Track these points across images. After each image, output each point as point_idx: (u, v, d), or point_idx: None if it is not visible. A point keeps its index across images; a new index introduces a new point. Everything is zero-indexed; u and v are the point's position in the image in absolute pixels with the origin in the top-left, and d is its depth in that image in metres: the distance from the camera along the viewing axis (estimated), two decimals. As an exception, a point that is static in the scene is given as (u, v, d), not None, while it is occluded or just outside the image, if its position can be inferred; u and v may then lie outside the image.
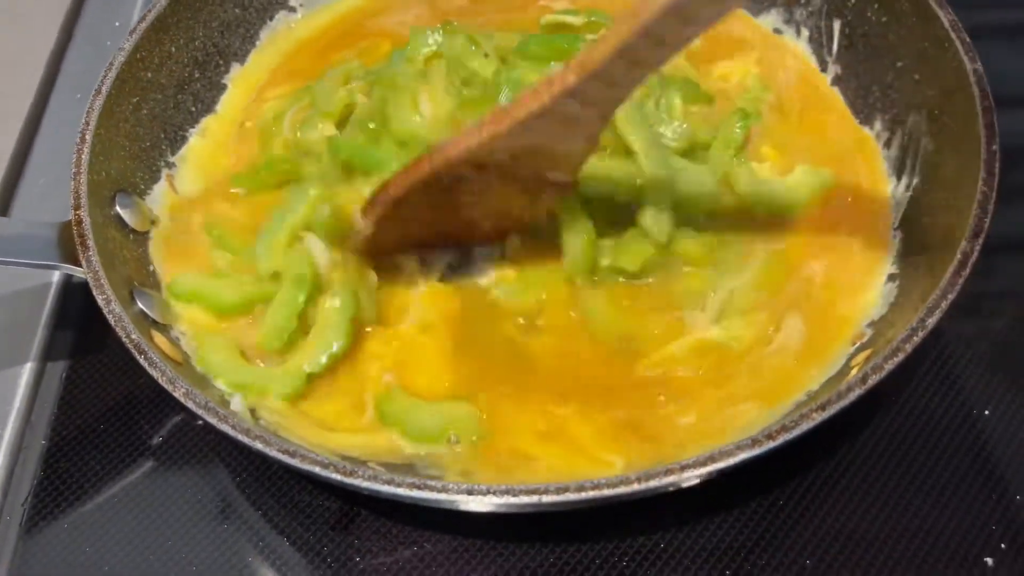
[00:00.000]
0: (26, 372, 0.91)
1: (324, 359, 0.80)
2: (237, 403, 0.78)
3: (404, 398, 0.79)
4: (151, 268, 0.89)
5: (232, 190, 0.95)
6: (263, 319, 0.83)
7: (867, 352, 0.75)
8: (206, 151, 1.00)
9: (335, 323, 0.81)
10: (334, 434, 0.79)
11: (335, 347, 0.80)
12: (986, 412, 0.83)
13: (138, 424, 0.88)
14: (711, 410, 0.77)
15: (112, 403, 0.90)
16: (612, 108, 0.74)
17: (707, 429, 0.76)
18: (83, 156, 0.86)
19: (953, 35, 0.84)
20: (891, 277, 0.83)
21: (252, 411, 0.79)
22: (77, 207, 0.82)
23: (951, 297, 0.70)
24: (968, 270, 0.71)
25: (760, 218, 0.88)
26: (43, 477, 0.85)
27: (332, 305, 0.81)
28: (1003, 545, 0.76)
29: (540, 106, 0.70)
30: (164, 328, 0.83)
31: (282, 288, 0.83)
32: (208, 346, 0.82)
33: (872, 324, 0.80)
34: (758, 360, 0.80)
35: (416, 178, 0.78)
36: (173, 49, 0.99)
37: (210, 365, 0.80)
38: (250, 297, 0.85)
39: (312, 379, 0.80)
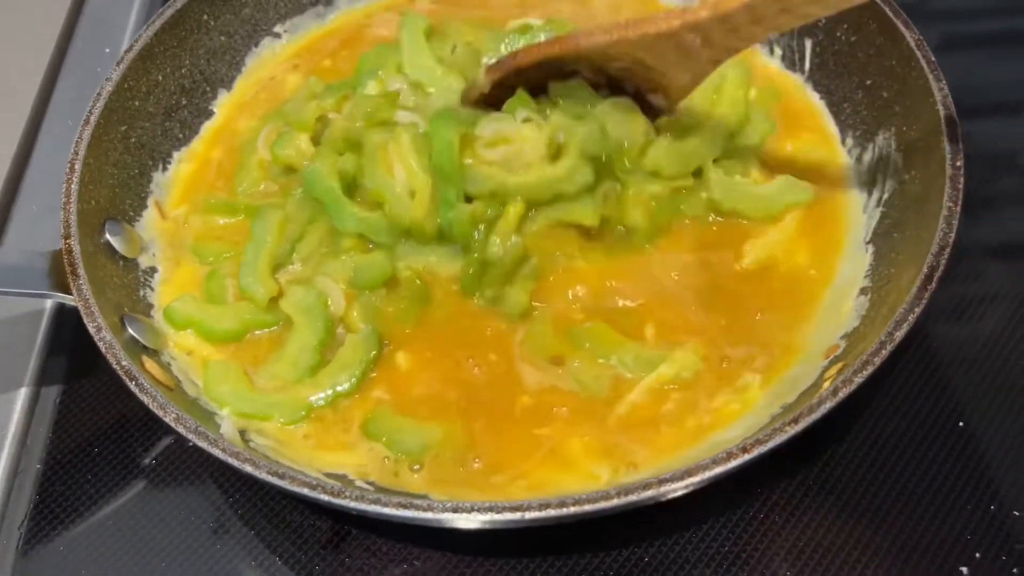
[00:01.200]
0: (21, 397, 0.93)
1: (331, 394, 0.82)
2: (227, 426, 0.80)
3: (391, 418, 0.81)
4: (141, 294, 0.91)
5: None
6: (281, 353, 0.85)
7: (840, 365, 0.77)
8: (193, 176, 1.02)
9: (354, 364, 0.83)
10: (323, 453, 0.81)
11: (345, 387, 0.82)
12: (960, 424, 0.85)
13: (131, 446, 0.89)
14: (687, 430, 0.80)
15: (105, 426, 0.91)
16: (723, 56, 0.82)
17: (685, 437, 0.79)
18: (72, 186, 0.87)
19: (919, 54, 0.87)
20: (863, 291, 0.85)
21: (242, 432, 0.81)
22: (67, 236, 0.84)
23: (918, 310, 0.72)
24: (935, 284, 0.73)
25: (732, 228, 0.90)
26: (39, 500, 0.86)
27: (355, 345, 0.84)
28: (978, 554, 0.77)
29: (668, 28, 0.79)
30: (154, 353, 0.84)
31: (298, 328, 0.85)
32: (214, 376, 0.83)
33: (845, 336, 0.82)
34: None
35: (542, 56, 0.87)
36: (160, 77, 1.01)
37: (217, 395, 0.82)
38: (246, 325, 0.87)
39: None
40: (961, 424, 0.85)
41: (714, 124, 0.92)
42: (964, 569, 0.77)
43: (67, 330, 0.98)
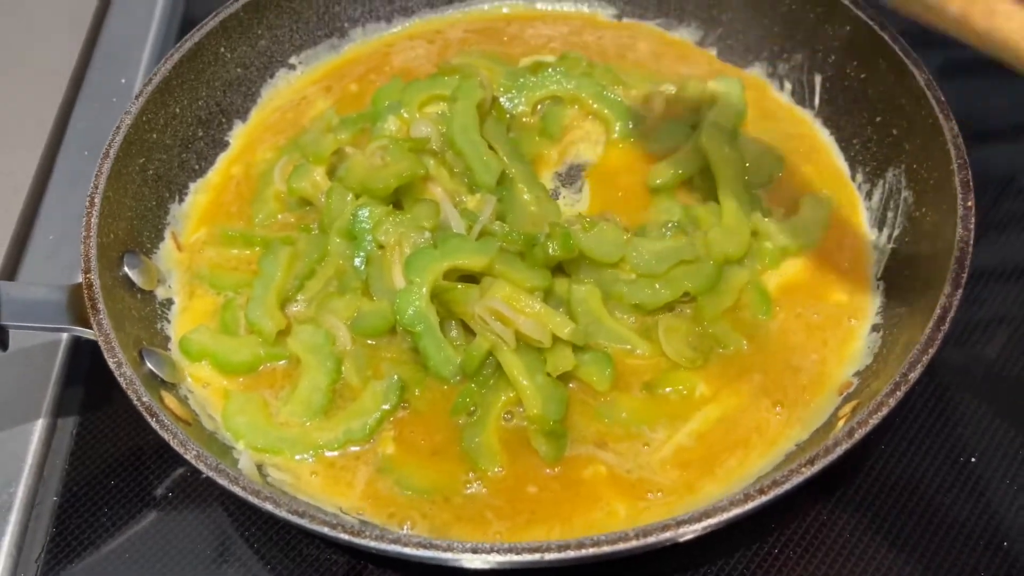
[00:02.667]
0: (38, 429, 0.93)
1: (343, 440, 0.83)
2: (245, 460, 0.80)
3: (400, 461, 0.82)
4: (158, 326, 0.91)
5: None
6: (293, 393, 0.85)
7: (853, 403, 0.78)
8: (209, 206, 1.03)
9: (371, 416, 0.83)
10: (338, 486, 0.81)
11: (358, 437, 0.83)
12: (974, 458, 0.86)
13: (146, 477, 0.90)
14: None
15: (121, 457, 0.92)
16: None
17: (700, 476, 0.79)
18: (92, 220, 0.88)
19: (929, 94, 0.88)
20: (875, 327, 0.86)
21: (259, 466, 0.81)
22: (87, 271, 0.85)
23: (932, 352, 0.73)
24: (948, 325, 0.74)
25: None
26: (55, 533, 0.87)
27: (376, 395, 0.84)
28: (991, 588, 0.78)
29: None
30: (172, 387, 0.85)
31: (307, 368, 0.86)
32: (234, 406, 0.84)
33: (858, 374, 0.83)
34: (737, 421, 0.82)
35: None
36: (178, 110, 1.02)
37: (233, 426, 0.83)
38: (258, 357, 0.88)
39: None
40: (973, 460, 0.86)
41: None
42: (977, 605, 0.77)
43: (84, 361, 0.99)
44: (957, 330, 0.93)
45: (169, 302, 0.94)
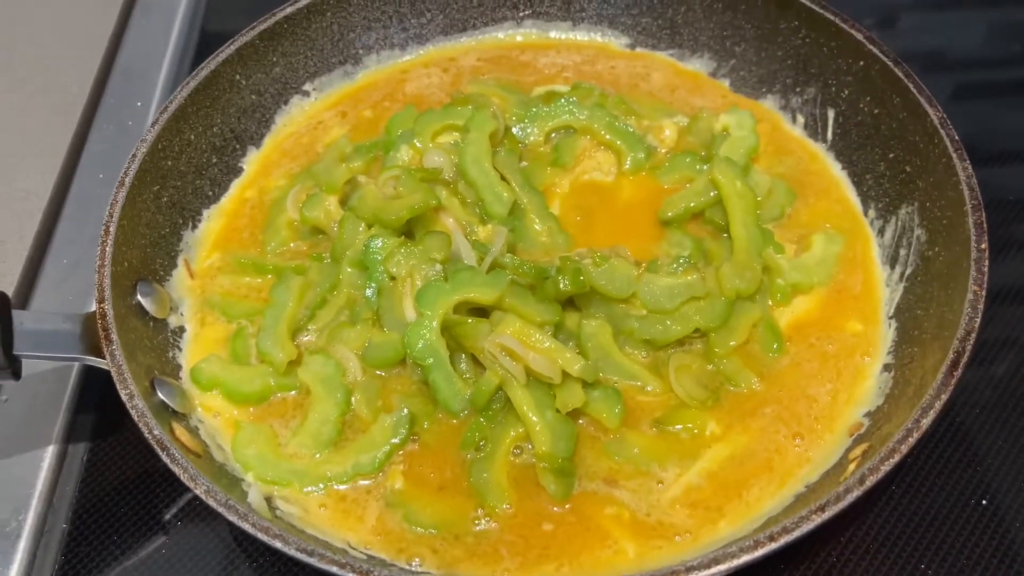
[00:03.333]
0: (48, 455, 0.94)
1: (352, 473, 0.83)
2: (254, 494, 0.80)
3: (409, 496, 0.82)
4: (170, 355, 0.92)
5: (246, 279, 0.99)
6: (303, 424, 0.85)
7: (864, 446, 0.78)
8: (222, 232, 1.03)
9: (380, 449, 0.83)
10: (348, 520, 0.81)
11: (367, 470, 0.83)
12: (984, 500, 0.85)
13: (154, 504, 0.90)
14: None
15: (130, 483, 0.92)
16: None
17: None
18: (107, 249, 0.88)
19: (943, 132, 0.87)
20: (887, 367, 0.86)
21: (268, 499, 0.81)
22: (101, 300, 0.85)
23: (945, 397, 0.73)
24: (960, 371, 0.74)
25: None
26: (64, 561, 0.87)
27: (386, 429, 0.84)
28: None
29: None
30: (183, 417, 0.85)
31: (317, 399, 0.86)
32: (243, 438, 0.84)
33: (868, 415, 0.82)
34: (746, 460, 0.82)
35: None
36: (192, 137, 1.03)
37: (243, 458, 0.83)
38: (269, 388, 0.88)
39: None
40: (984, 502, 0.85)
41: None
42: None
43: (95, 387, 0.99)
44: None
45: (181, 330, 0.95)
